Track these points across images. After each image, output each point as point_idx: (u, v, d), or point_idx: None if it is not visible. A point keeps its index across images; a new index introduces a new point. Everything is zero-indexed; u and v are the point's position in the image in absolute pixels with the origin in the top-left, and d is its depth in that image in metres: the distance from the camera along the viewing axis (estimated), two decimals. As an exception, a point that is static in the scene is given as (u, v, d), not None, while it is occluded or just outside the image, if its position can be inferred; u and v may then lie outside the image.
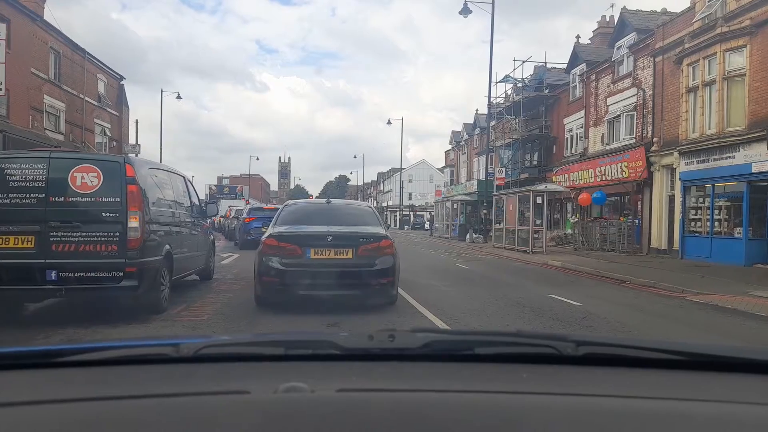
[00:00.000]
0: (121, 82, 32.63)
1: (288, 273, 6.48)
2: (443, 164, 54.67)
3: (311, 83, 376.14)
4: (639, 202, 20.32)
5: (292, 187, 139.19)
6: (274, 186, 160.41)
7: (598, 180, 22.19)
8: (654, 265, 15.34)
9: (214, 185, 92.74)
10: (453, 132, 51.22)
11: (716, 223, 16.59)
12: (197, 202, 8.95)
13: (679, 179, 17.78)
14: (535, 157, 29.90)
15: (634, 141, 20.96)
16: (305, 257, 6.56)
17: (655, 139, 19.38)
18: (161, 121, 39.72)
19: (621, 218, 20.88)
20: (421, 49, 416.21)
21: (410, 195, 79.47)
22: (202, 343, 1.23)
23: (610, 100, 22.94)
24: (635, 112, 21.10)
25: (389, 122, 56.72)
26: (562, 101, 27.74)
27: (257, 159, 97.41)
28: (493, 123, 39.18)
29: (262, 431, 0.87)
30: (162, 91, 38.80)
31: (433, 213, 61.87)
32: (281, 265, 6.50)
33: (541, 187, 19.19)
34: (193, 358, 1.18)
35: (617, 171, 20.84)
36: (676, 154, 17.94)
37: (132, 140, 34.80)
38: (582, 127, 25.39)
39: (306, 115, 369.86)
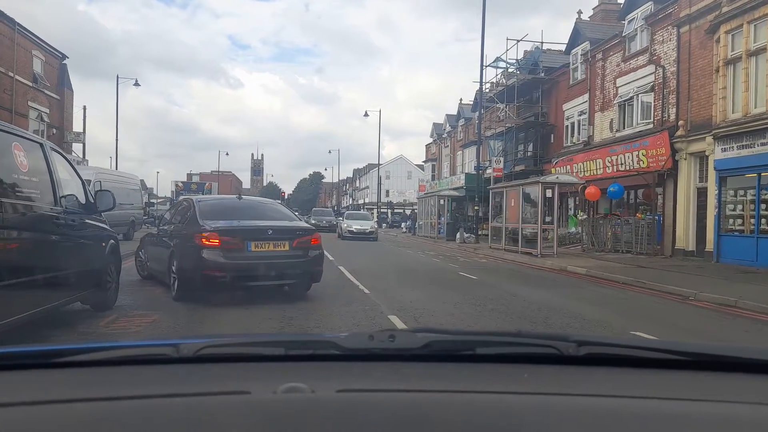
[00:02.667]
0: (63, 62, 28.65)
1: (231, 266, 6.74)
2: (424, 159, 51.67)
3: (285, 80, 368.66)
4: (660, 196, 17.58)
5: (264, 184, 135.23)
6: (246, 183, 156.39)
7: (609, 171, 19.42)
8: (694, 271, 12.57)
9: (181, 181, 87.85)
10: (434, 124, 48.25)
11: (763, 221, 13.90)
12: (82, 190, 5.69)
13: (714, 168, 15.06)
14: (530, 148, 27.09)
15: (652, 126, 18.24)
16: (246, 250, 6.88)
17: (680, 123, 16.65)
18: (117, 109, 35.59)
19: (638, 215, 18.13)
20: (396, 46, 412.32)
21: (387, 192, 76.46)
22: (202, 344, 1.21)
23: (620, 81, 20.18)
24: (653, 93, 18.36)
25: (366, 114, 53.68)
26: (561, 85, 24.96)
27: (227, 155, 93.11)
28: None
29: (262, 431, 0.87)
30: (117, 77, 34.47)
31: (416, 210, 58.98)
32: (224, 259, 6.72)
33: (552, 177, 16.32)
34: (193, 359, 1.17)
35: (633, 160, 18.07)
36: (709, 138, 15.22)
37: (78, 128, 30.87)
38: (586, 113, 22.63)
39: (280, 111, 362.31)
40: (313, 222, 34.82)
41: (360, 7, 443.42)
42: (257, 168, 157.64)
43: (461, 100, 40.82)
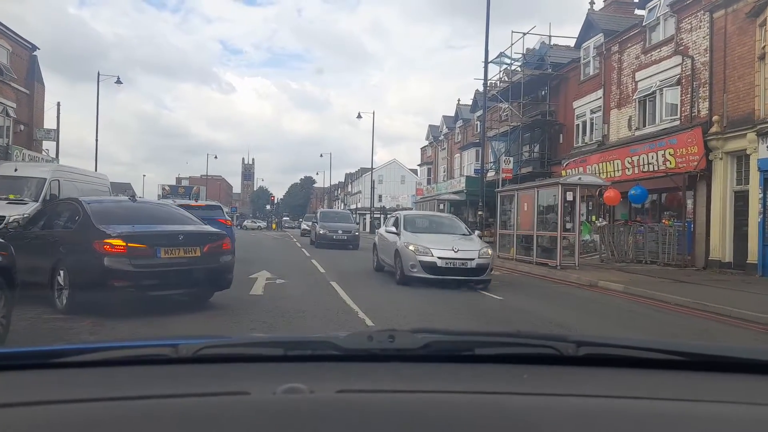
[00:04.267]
0: (34, 53, 26.48)
1: (138, 274, 6.31)
2: (419, 162, 49.84)
3: (277, 85, 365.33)
4: (690, 200, 15.78)
5: (255, 188, 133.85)
6: (237, 188, 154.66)
7: (629, 173, 17.63)
8: (744, 287, 10.76)
9: (168, 185, 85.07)
10: (430, 126, 46.46)
11: (819, 228, 12.12)
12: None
13: (758, 169, 13.27)
14: (536, 149, 25.29)
15: (679, 122, 16.46)
16: (156, 257, 6.47)
17: (714, 118, 14.86)
18: (97, 107, 33.40)
19: (665, 221, 16.31)
20: (388, 52, 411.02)
21: (380, 196, 74.55)
22: (202, 344, 1.19)
23: (640, 75, 18.42)
24: (679, 87, 16.60)
25: (359, 116, 51.56)
26: (571, 81, 23.20)
27: (215, 158, 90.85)
28: (479, 113, 34.64)
29: None
30: (99, 74, 32.47)
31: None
32: (131, 267, 6.26)
33: (573, 178, 14.46)
34: (193, 359, 1.16)
35: (659, 161, 16.27)
36: (750, 135, 13.44)
37: (50, 125, 28.66)
38: (600, 110, 20.85)
39: (272, 116, 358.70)
40: (321, 233, 22.48)
41: (352, 13, 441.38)
42: (248, 172, 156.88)
43: (459, 100, 39.10)
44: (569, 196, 14.19)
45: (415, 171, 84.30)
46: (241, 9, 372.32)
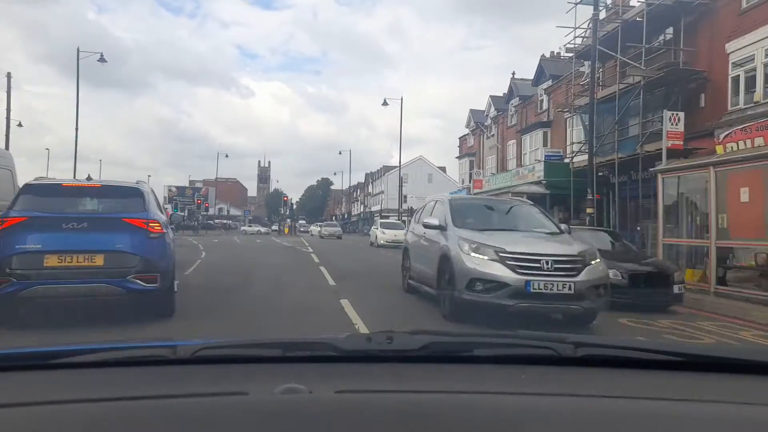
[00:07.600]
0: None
1: None
2: (457, 154, 42.34)
3: (294, 88, 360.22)
4: None
5: (271, 191, 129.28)
6: (252, 191, 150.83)
7: None
8: None
9: (175, 186, 78.76)
10: (472, 111, 38.97)
11: None
12: None
13: None
14: (658, 118, 17.68)
15: None
16: None
17: None
18: (77, 86, 26.78)
19: None
20: (404, 54, 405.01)
21: (405, 197, 67.17)
22: (200, 345, 1.19)
23: None
24: None
25: (385, 103, 44.31)
26: (721, 14, 15.63)
27: (226, 156, 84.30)
28: (545, 85, 27.20)
29: None
30: (78, 50, 26.02)
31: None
32: None
33: None
34: (191, 360, 1.15)
35: None
36: None
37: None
38: (789, 47, 13.28)
39: (289, 120, 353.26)
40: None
41: (368, 16, 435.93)
42: (264, 175, 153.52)
43: (514, 74, 31.59)
44: None
45: (443, 168, 76.95)
46: (257, 13, 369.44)
